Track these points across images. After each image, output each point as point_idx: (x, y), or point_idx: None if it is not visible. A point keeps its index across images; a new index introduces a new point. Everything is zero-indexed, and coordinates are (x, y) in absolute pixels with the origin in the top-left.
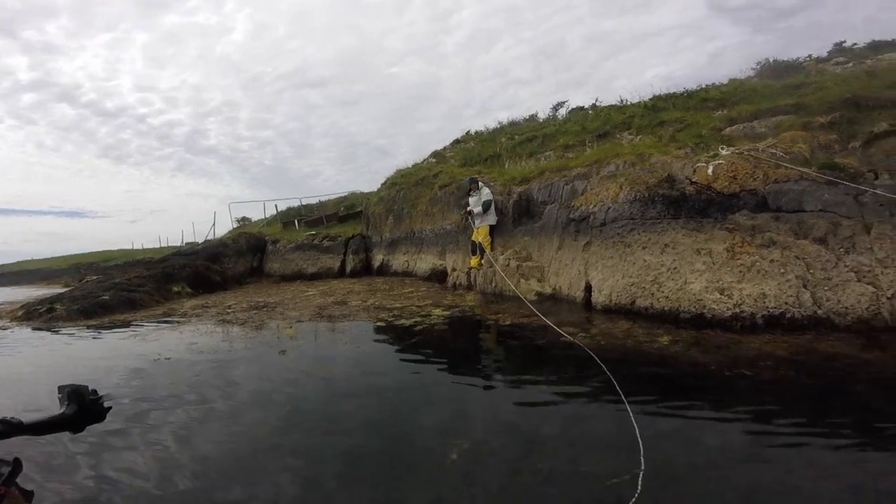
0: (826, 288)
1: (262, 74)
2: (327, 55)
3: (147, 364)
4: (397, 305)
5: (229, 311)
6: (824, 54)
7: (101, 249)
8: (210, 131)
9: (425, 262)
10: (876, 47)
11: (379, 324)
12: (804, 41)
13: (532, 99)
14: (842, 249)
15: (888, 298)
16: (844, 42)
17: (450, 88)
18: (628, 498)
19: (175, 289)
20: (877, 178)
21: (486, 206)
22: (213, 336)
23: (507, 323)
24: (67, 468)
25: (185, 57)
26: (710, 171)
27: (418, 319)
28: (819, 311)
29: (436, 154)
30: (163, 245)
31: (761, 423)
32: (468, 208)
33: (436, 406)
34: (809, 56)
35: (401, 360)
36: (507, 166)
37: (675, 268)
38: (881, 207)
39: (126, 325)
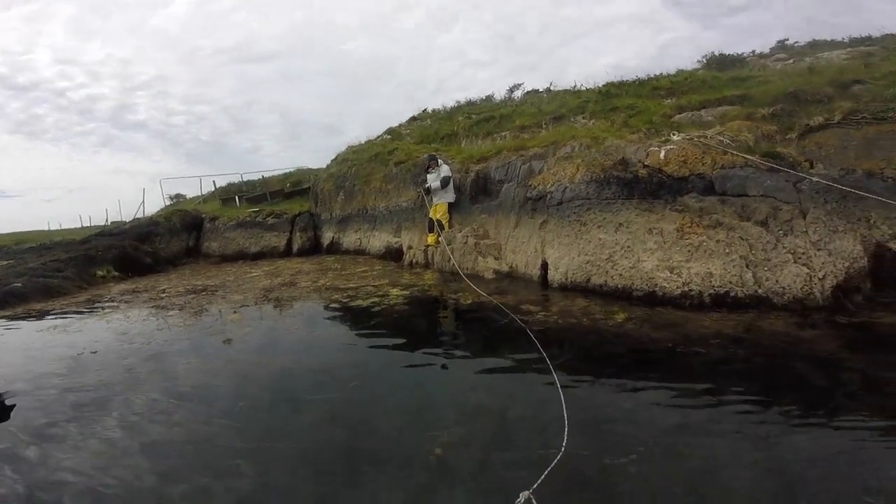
0: (766, 268)
1: (200, 48)
2: (275, 30)
3: (68, 359)
4: (351, 285)
5: (163, 295)
6: (766, 51)
7: (12, 231)
8: (139, 105)
9: (379, 240)
10: (815, 46)
11: (333, 305)
12: (747, 39)
13: (487, 81)
14: (780, 232)
15: (819, 279)
16: (787, 40)
17: (405, 67)
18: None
19: (100, 273)
20: (812, 167)
21: (444, 182)
22: (145, 324)
23: (468, 302)
24: None
25: (115, 30)
26: (661, 155)
27: (375, 300)
28: (759, 291)
29: (391, 131)
30: (85, 225)
31: (713, 397)
32: (426, 185)
33: (402, 394)
34: (753, 52)
35: (360, 345)
36: (463, 145)
37: (628, 246)
38: (816, 195)
39: (43, 315)
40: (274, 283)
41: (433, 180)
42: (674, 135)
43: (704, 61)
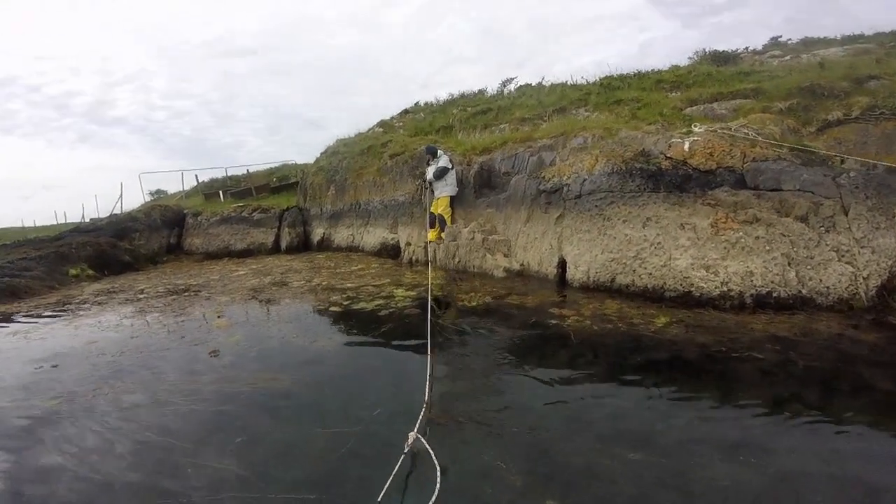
0: (809, 267)
1: (182, 42)
2: (258, 23)
3: (24, 374)
4: (350, 285)
5: (141, 296)
6: (759, 47)
7: None
8: (119, 101)
9: (374, 236)
10: (808, 43)
11: (333, 309)
12: (728, 37)
13: (473, 78)
14: (822, 228)
15: (864, 278)
16: (780, 37)
17: (391, 63)
18: None
19: (73, 271)
20: (843, 162)
21: (439, 173)
22: (119, 331)
23: (483, 303)
24: None
25: (93, 24)
26: (686, 146)
27: (380, 302)
28: (803, 291)
29: (383, 123)
30: (60, 222)
31: (773, 407)
32: (427, 178)
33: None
34: (746, 48)
35: (374, 360)
36: (460, 137)
37: (658, 243)
38: (856, 189)
39: (6, 318)
40: (263, 282)
41: (431, 172)
42: (695, 126)
43: (696, 57)
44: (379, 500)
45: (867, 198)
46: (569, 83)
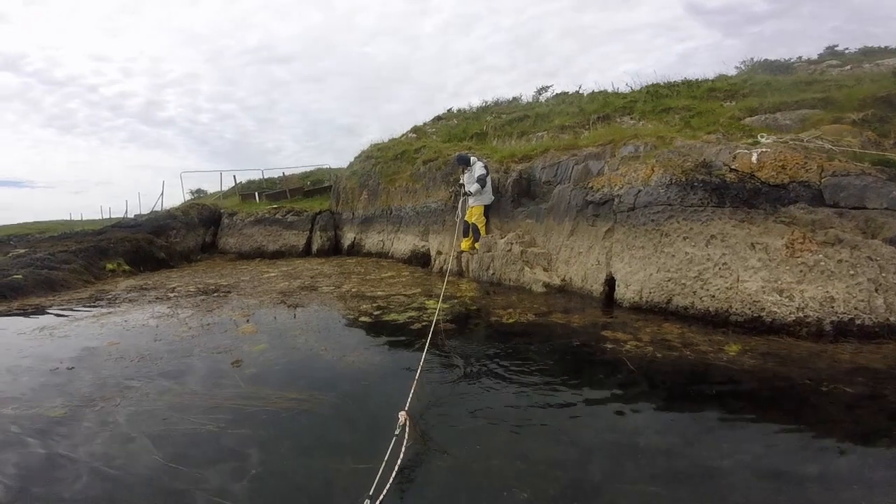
0: None
1: (226, 47)
2: (294, 30)
3: (37, 376)
4: (380, 293)
5: (172, 295)
6: (815, 56)
7: (37, 220)
8: (168, 103)
9: (404, 243)
10: (868, 53)
11: (364, 319)
12: (771, 47)
13: (505, 86)
14: None
15: None
16: (836, 46)
17: (422, 71)
18: None
19: (110, 266)
20: None
21: (482, 181)
22: (143, 333)
23: (523, 321)
24: None
25: (145, 27)
26: (753, 158)
27: (413, 314)
28: (891, 318)
29: (416, 129)
30: (105, 216)
31: (867, 443)
32: (464, 187)
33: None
34: (799, 58)
35: (408, 381)
36: (494, 144)
37: (724, 263)
38: None
39: (40, 311)
40: (292, 285)
41: (469, 181)
42: (762, 137)
43: (743, 67)
44: (370, 493)
45: None
46: (610, 91)
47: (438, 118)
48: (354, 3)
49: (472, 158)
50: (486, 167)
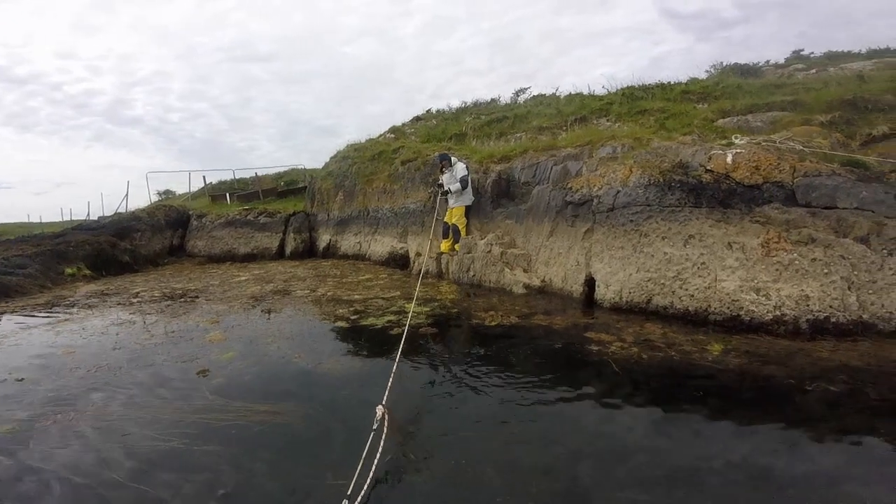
0: (870, 291)
1: (199, 45)
2: (275, 29)
3: None
4: (357, 297)
5: (135, 300)
6: (782, 60)
7: None
8: (136, 101)
9: (382, 245)
10: (832, 57)
11: (340, 324)
12: (739, 51)
13: (484, 88)
14: (885, 251)
15: None
16: (802, 50)
17: (403, 72)
18: None
19: (69, 271)
20: None
21: (464, 183)
22: (102, 341)
23: (505, 323)
24: None
25: (118, 25)
26: (728, 159)
27: (392, 318)
28: (864, 316)
29: (394, 129)
30: (66, 219)
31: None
32: (444, 187)
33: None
34: (767, 61)
35: (391, 391)
36: (474, 145)
37: (702, 263)
38: None
39: None
40: (265, 290)
41: (449, 181)
42: (736, 138)
43: (713, 70)
44: (348, 493)
45: None
46: (586, 93)
47: (417, 119)
48: (339, 3)
49: (453, 158)
50: (467, 168)
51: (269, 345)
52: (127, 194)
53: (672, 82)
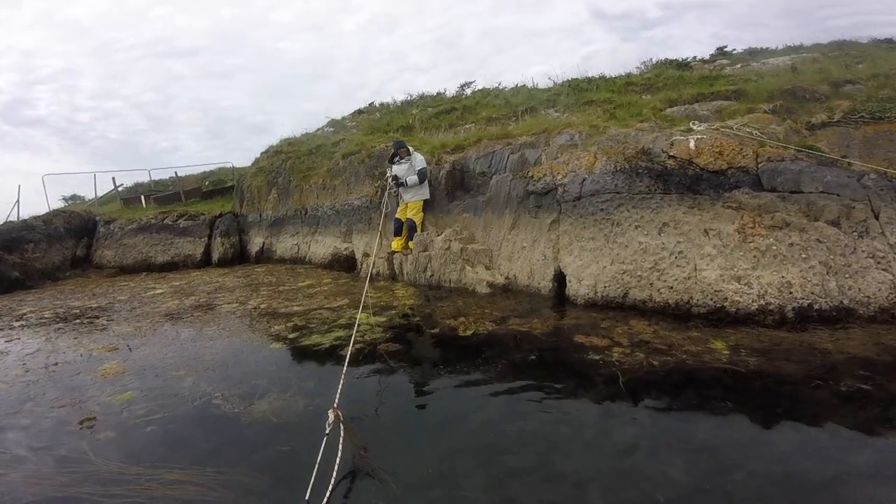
0: (847, 275)
1: (115, 41)
2: (201, 24)
3: None
4: (297, 308)
5: (17, 324)
6: (707, 56)
7: None
8: (39, 100)
9: (323, 246)
10: (754, 53)
11: (276, 346)
12: (659, 50)
13: (428, 85)
14: (856, 234)
15: None
16: (726, 47)
17: (343, 69)
18: None
19: None
20: (850, 165)
21: (422, 176)
22: None
23: (484, 332)
24: None
25: (22, 20)
26: (691, 145)
27: (341, 334)
28: (844, 301)
29: (334, 123)
30: None
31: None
32: (398, 179)
33: None
34: (694, 57)
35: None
36: (422, 136)
37: (680, 251)
38: (882, 191)
39: None
40: (183, 304)
41: (405, 173)
42: (694, 124)
43: (644, 67)
44: (307, 497)
45: (894, 200)
46: (529, 86)
47: (360, 112)
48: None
49: (410, 148)
50: (424, 160)
51: (181, 379)
52: (18, 201)
53: (614, 76)
